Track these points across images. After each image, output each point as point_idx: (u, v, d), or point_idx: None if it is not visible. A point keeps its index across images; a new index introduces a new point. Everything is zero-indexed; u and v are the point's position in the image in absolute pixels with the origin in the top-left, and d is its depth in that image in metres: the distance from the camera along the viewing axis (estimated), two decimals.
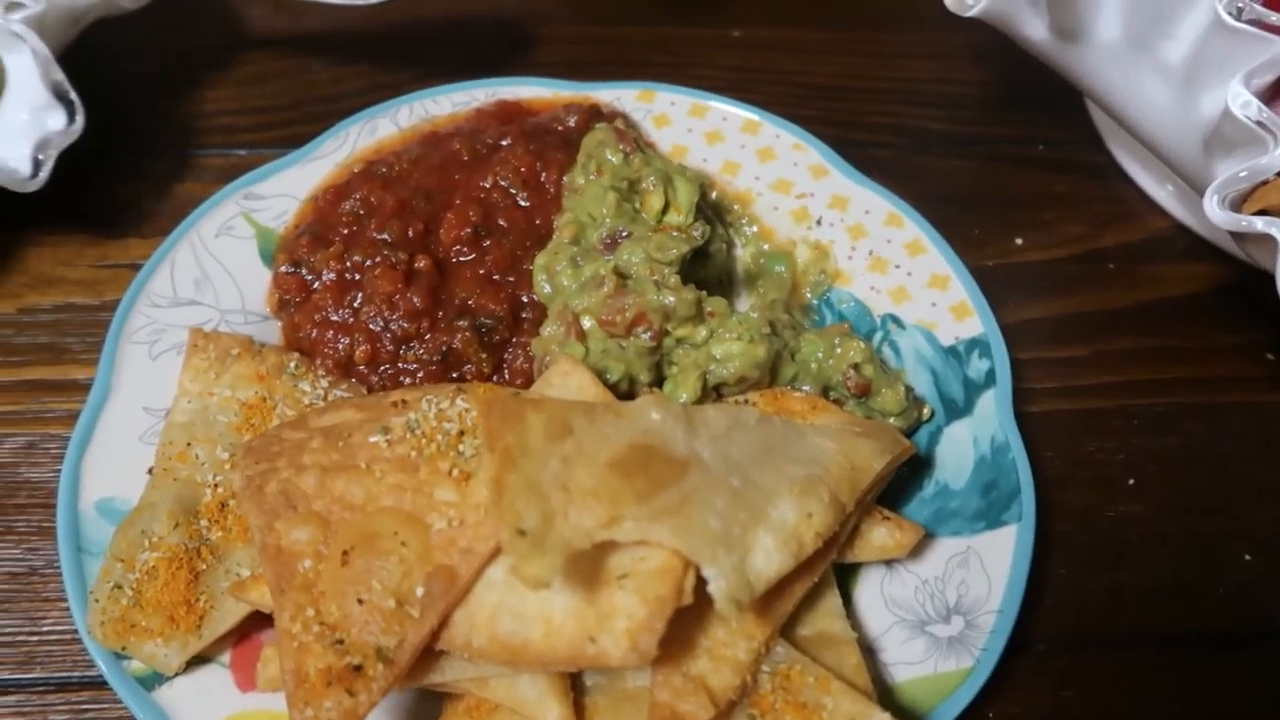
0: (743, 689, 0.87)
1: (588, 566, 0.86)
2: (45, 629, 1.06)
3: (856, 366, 1.08)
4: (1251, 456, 1.20)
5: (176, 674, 0.95)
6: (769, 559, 0.85)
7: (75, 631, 1.04)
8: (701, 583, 0.83)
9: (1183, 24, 1.09)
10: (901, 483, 1.09)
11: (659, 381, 1.08)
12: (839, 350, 1.09)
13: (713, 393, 1.06)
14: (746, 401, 1.06)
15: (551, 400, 0.91)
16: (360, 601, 0.86)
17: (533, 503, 0.82)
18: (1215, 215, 1.00)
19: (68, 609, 1.05)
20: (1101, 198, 1.43)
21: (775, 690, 0.88)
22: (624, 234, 1.14)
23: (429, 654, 0.88)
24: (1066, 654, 1.07)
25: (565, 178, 1.24)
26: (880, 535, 0.99)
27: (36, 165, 1.20)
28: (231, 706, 0.95)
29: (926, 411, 1.12)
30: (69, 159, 1.21)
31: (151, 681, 0.95)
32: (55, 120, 1.22)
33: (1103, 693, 1.05)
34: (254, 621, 0.98)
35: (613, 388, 1.04)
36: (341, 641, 0.85)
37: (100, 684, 1.02)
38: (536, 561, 0.79)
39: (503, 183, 1.24)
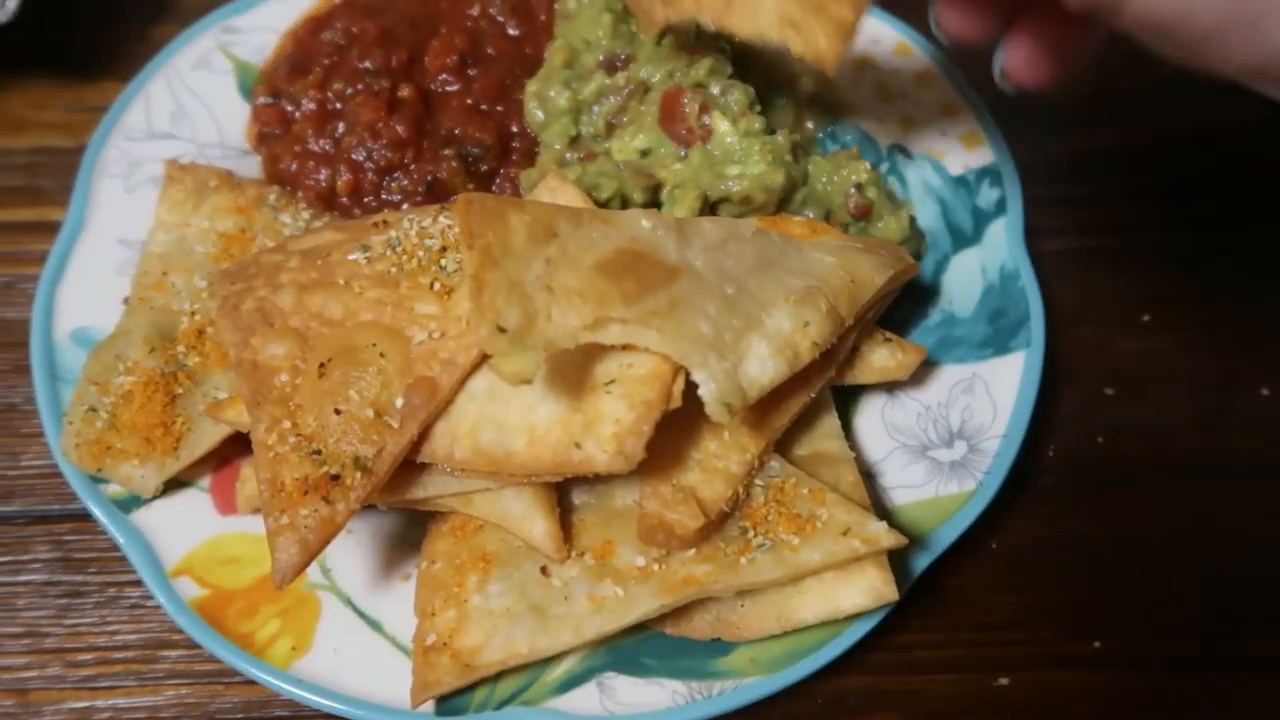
0: (734, 500, 0.84)
1: (574, 374, 0.82)
2: (25, 464, 1.04)
3: (859, 187, 1.02)
4: (1276, 293, 1.15)
5: (154, 497, 0.93)
6: (763, 366, 0.81)
7: (55, 466, 1.01)
8: (692, 390, 0.80)
9: None
10: (906, 312, 1.04)
11: (655, 205, 1.03)
12: (843, 172, 1.04)
13: (709, 211, 1.01)
14: None
15: (535, 203, 0.87)
16: (337, 412, 0.83)
17: (514, 301, 0.79)
18: None
19: (47, 444, 1.03)
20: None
21: (769, 503, 0.85)
22: (622, 56, 1.08)
23: (412, 468, 0.85)
24: (1075, 487, 1.04)
25: (556, 4, 1.17)
26: (881, 356, 0.95)
27: None
28: (211, 529, 0.93)
29: (924, 246, 1.08)
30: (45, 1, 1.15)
31: (129, 504, 0.93)
32: None
33: (1112, 525, 1.02)
34: (234, 447, 0.95)
35: (603, 207, 0.99)
36: (319, 452, 0.82)
37: (82, 516, 0.99)
38: (517, 358, 0.75)
39: (491, 10, 1.18)
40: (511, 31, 1.18)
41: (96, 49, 1.31)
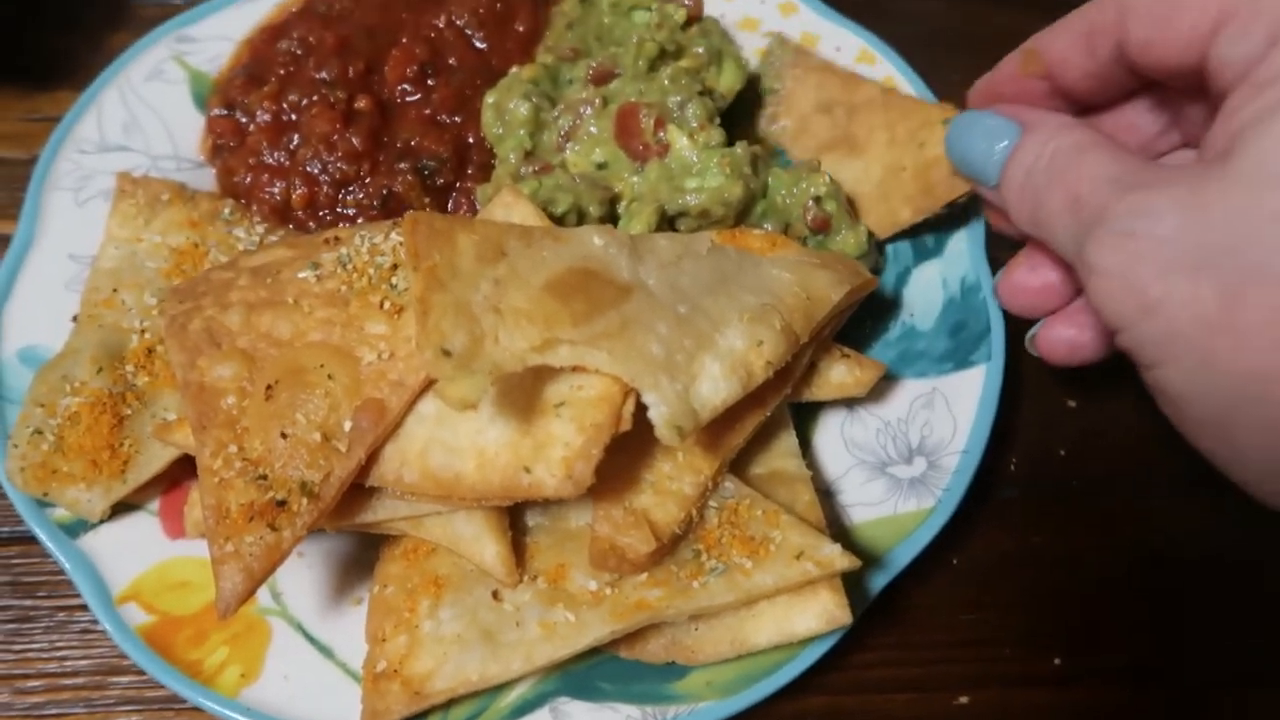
0: (687, 523, 0.83)
1: (523, 397, 0.81)
2: None
3: (818, 200, 1.01)
4: None
5: (102, 520, 0.91)
6: (715, 387, 0.80)
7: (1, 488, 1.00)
8: (644, 411, 0.78)
9: None
10: (866, 325, 1.04)
11: (612, 219, 1.02)
12: (803, 185, 1.02)
13: (667, 225, 1.00)
14: None
15: (484, 221, 0.85)
16: (284, 436, 0.81)
17: (460, 324, 0.77)
18: None
19: None
20: None
21: (722, 525, 0.84)
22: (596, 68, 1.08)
23: (361, 492, 0.84)
24: (1036, 500, 1.03)
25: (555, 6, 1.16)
26: (839, 373, 0.94)
27: None
28: (160, 554, 0.92)
29: (883, 261, 1.07)
30: None
31: (76, 529, 0.92)
32: None
33: (1073, 537, 1.01)
34: (184, 469, 0.94)
35: (559, 222, 0.98)
36: (265, 477, 0.81)
37: (31, 538, 0.97)
38: (462, 382, 0.74)
39: (458, 22, 1.17)
40: (479, 44, 1.17)
41: (53, 58, 1.29)
